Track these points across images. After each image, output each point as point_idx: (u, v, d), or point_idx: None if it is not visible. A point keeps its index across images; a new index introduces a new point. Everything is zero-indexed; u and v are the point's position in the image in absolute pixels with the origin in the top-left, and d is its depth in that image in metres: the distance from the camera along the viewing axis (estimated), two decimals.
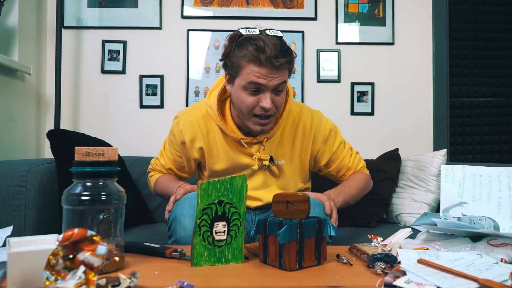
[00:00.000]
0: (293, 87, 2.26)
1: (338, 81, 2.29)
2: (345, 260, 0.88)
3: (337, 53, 2.29)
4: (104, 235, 0.79)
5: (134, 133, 2.26)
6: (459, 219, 1.02)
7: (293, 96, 1.40)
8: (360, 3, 2.30)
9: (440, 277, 0.69)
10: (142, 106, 2.27)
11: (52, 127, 2.17)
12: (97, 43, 2.26)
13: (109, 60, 2.26)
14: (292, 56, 1.20)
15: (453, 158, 2.46)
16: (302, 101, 2.26)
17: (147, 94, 2.27)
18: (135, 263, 0.87)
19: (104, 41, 2.26)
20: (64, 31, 2.22)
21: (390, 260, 0.82)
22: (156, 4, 2.26)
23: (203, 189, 0.85)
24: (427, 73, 2.31)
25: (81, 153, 0.80)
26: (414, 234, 1.00)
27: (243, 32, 1.20)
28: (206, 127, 1.35)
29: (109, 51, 2.26)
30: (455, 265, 0.74)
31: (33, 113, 2.13)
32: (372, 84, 2.30)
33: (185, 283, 0.65)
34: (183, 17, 2.28)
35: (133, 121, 2.27)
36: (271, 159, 1.34)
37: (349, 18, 2.30)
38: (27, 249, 0.68)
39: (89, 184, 0.80)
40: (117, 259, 0.81)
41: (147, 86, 2.27)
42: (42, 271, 0.61)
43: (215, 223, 0.86)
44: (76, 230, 0.64)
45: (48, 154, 2.11)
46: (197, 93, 2.27)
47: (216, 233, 0.87)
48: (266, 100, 1.19)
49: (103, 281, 0.64)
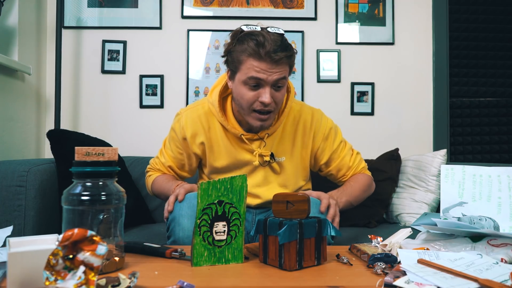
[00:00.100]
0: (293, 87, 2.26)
1: (338, 81, 2.29)
2: (345, 260, 0.88)
3: (337, 53, 2.29)
4: (104, 235, 0.79)
5: (134, 133, 2.26)
6: (459, 219, 1.01)
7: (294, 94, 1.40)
8: (360, 3, 2.30)
9: (440, 277, 0.69)
10: (142, 106, 2.27)
11: (52, 127, 2.17)
12: (97, 43, 2.26)
13: (109, 60, 2.26)
14: (292, 51, 1.21)
15: (453, 158, 2.45)
16: (302, 101, 2.26)
17: (147, 94, 2.27)
18: (135, 263, 0.87)
19: (104, 41, 2.26)
20: (64, 31, 2.22)
21: (390, 260, 0.82)
22: (156, 4, 2.26)
23: (203, 189, 0.85)
24: (427, 73, 2.31)
25: (81, 153, 0.80)
26: (414, 234, 1.00)
27: (244, 28, 1.21)
28: (207, 123, 1.35)
29: (109, 51, 2.26)
30: (455, 265, 0.74)
31: (33, 113, 2.13)
32: (372, 84, 2.30)
33: (185, 283, 0.65)
34: (183, 17, 2.28)
35: (133, 121, 2.27)
36: (272, 155, 1.34)
37: (349, 18, 2.30)
38: (27, 249, 0.68)
39: (89, 184, 0.80)
40: (117, 259, 0.81)
41: (147, 86, 2.27)
42: (42, 271, 0.61)
43: (215, 223, 0.86)
44: (76, 230, 0.64)
45: (48, 154, 2.11)
46: (197, 93, 2.27)
47: (216, 233, 0.87)
48: (265, 95, 1.20)
49: (103, 281, 0.64)
